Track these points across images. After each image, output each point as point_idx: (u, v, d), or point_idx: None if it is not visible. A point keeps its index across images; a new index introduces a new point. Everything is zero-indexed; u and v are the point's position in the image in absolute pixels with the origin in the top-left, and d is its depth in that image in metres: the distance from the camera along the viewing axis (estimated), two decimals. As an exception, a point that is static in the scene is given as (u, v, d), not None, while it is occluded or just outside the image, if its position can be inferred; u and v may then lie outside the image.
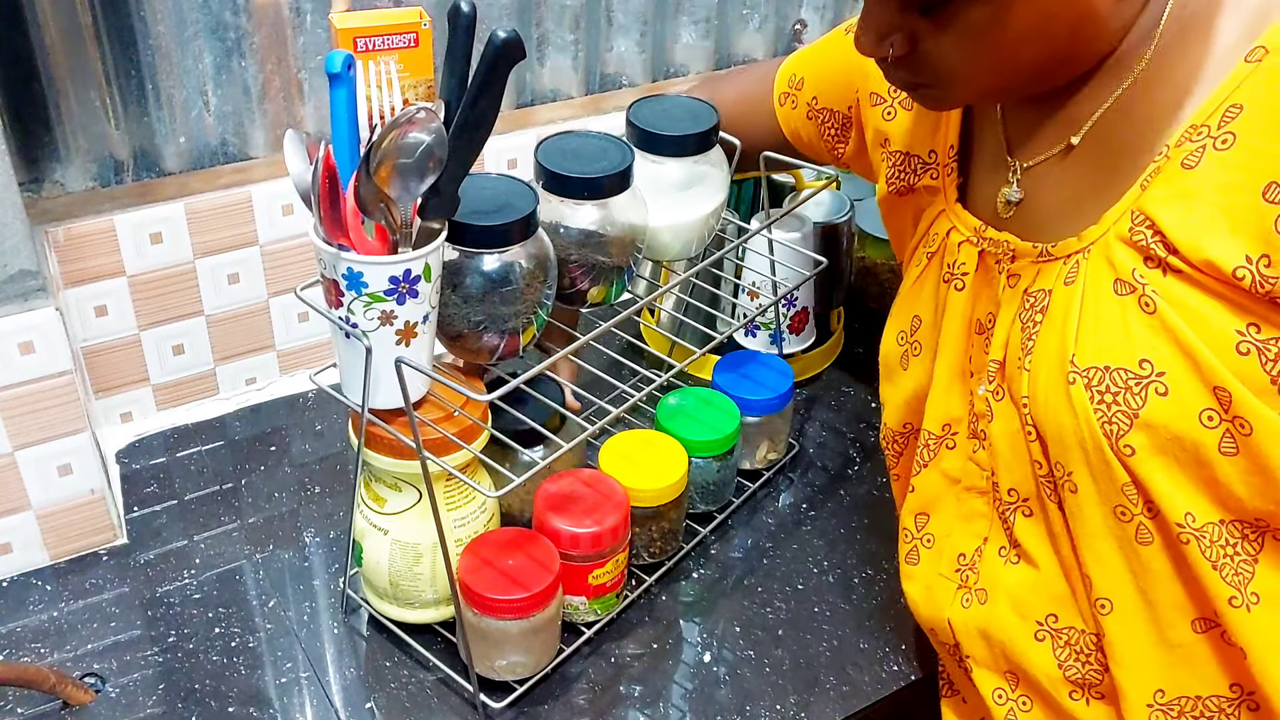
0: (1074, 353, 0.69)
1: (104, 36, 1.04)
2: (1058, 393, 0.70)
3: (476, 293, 0.85)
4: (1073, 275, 0.70)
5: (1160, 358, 0.65)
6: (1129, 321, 0.67)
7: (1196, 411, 0.65)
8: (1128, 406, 0.66)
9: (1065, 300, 0.70)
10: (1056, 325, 0.70)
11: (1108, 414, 0.67)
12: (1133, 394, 0.66)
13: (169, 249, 1.11)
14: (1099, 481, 0.69)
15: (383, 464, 0.87)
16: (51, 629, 0.97)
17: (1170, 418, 0.65)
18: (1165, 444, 0.66)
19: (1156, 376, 0.65)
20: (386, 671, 0.94)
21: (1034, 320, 0.72)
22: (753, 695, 0.94)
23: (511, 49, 0.74)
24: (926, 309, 0.85)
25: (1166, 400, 0.65)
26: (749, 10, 1.42)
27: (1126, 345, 0.66)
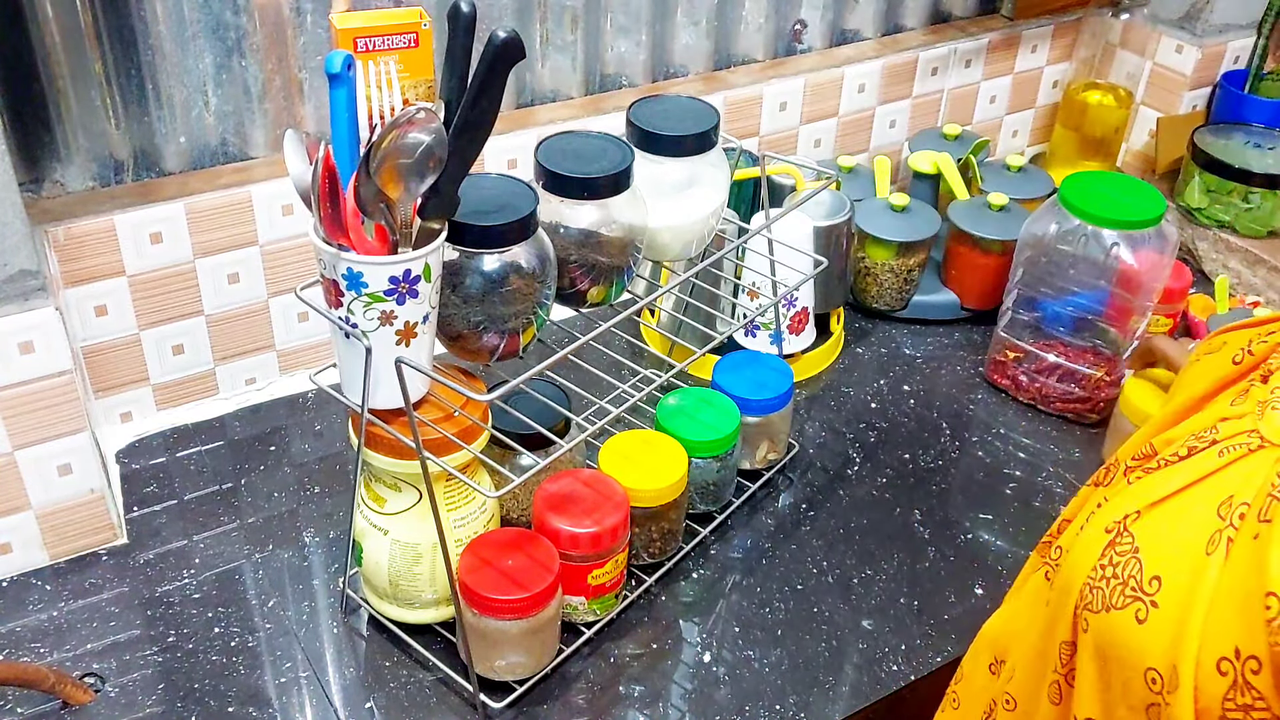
0: (1138, 512, 0.61)
1: (104, 36, 1.04)
2: (1101, 526, 0.62)
3: (476, 293, 0.85)
4: (1231, 450, 0.61)
5: (1170, 592, 0.57)
6: (1192, 540, 0.58)
7: (1147, 665, 0.58)
8: (1110, 596, 0.60)
9: (1201, 463, 0.61)
10: (1172, 474, 0.62)
11: (1093, 582, 0.61)
12: (1124, 593, 0.59)
13: (169, 249, 1.11)
14: (1057, 620, 0.64)
15: (383, 464, 0.87)
16: (51, 629, 0.97)
17: (1127, 644, 0.59)
18: (1109, 657, 0.60)
19: (1150, 603, 0.58)
20: (386, 671, 0.94)
21: (1180, 453, 0.63)
22: (752, 695, 0.94)
23: (511, 49, 0.74)
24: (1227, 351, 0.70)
25: (1137, 629, 0.58)
26: (749, 10, 1.42)
27: (1164, 554, 0.59)
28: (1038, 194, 1.44)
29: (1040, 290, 1.25)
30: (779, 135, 1.48)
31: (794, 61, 1.48)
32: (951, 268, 1.41)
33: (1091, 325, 1.23)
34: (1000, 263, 1.35)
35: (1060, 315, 1.24)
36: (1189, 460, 0.63)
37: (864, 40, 1.54)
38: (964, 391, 1.30)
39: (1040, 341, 1.26)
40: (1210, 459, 0.62)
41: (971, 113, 1.65)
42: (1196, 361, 0.74)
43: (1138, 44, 1.66)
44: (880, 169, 1.47)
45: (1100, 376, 1.24)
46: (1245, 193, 1.48)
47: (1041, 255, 1.23)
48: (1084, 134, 1.62)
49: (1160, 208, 1.17)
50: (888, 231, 1.35)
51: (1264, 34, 1.56)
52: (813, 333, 1.30)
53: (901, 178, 1.60)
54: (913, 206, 1.38)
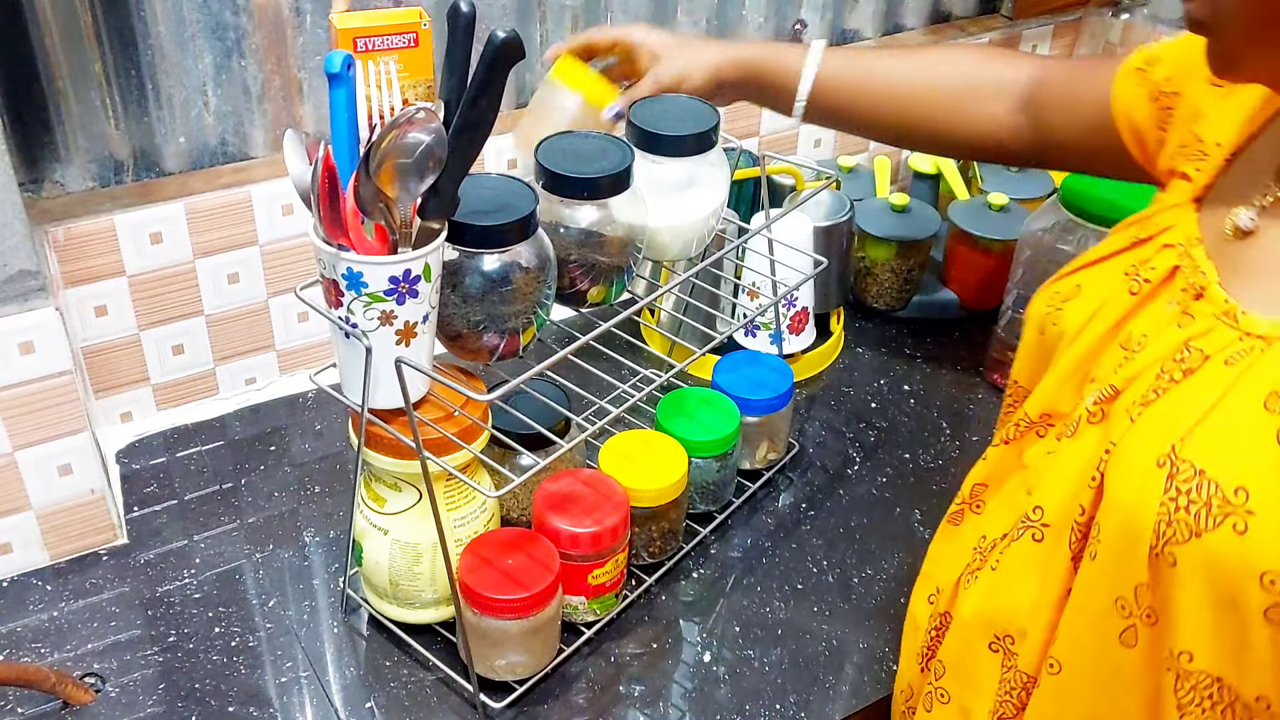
0: (1183, 439, 0.62)
1: (104, 36, 1.04)
2: (1140, 465, 0.64)
3: (476, 293, 0.85)
4: (1238, 357, 0.62)
5: (1261, 496, 0.59)
6: (1258, 444, 0.59)
7: (1263, 568, 0.58)
8: (1197, 522, 0.60)
9: (1214, 378, 0.63)
10: (1188, 397, 0.63)
11: (1171, 516, 0.61)
12: (1210, 514, 0.60)
13: (169, 249, 1.11)
14: (1119, 567, 0.65)
15: (383, 464, 0.87)
16: (51, 629, 0.97)
17: (1234, 557, 0.59)
18: (1213, 577, 0.60)
19: (1245, 513, 0.59)
20: (386, 671, 0.94)
21: (1173, 377, 0.65)
22: (752, 695, 0.94)
23: (511, 49, 0.74)
24: (1093, 289, 0.76)
25: (1241, 540, 0.59)
26: (749, 10, 1.42)
27: (1237, 465, 0.60)
28: (1038, 194, 1.44)
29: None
30: (779, 135, 1.48)
31: (794, 61, 1.48)
32: (951, 268, 1.41)
33: (1091, 325, 1.23)
34: (1000, 263, 1.35)
35: (1060, 315, 1.24)
36: (1193, 379, 0.64)
37: (864, 40, 1.55)
38: (964, 391, 1.30)
39: (1040, 341, 1.26)
40: (1220, 371, 0.63)
41: (971, 112, 1.65)
42: (1054, 310, 0.77)
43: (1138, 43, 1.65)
44: (880, 169, 1.47)
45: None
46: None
47: (1041, 255, 1.23)
48: (1084, 134, 1.62)
49: (1160, 207, 1.17)
50: (888, 231, 1.35)
51: (1264, 34, 1.55)
52: (813, 333, 1.30)
53: (901, 178, 1.60)
54: (913, 206, 1.38)
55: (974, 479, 0.83)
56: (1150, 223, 0.74)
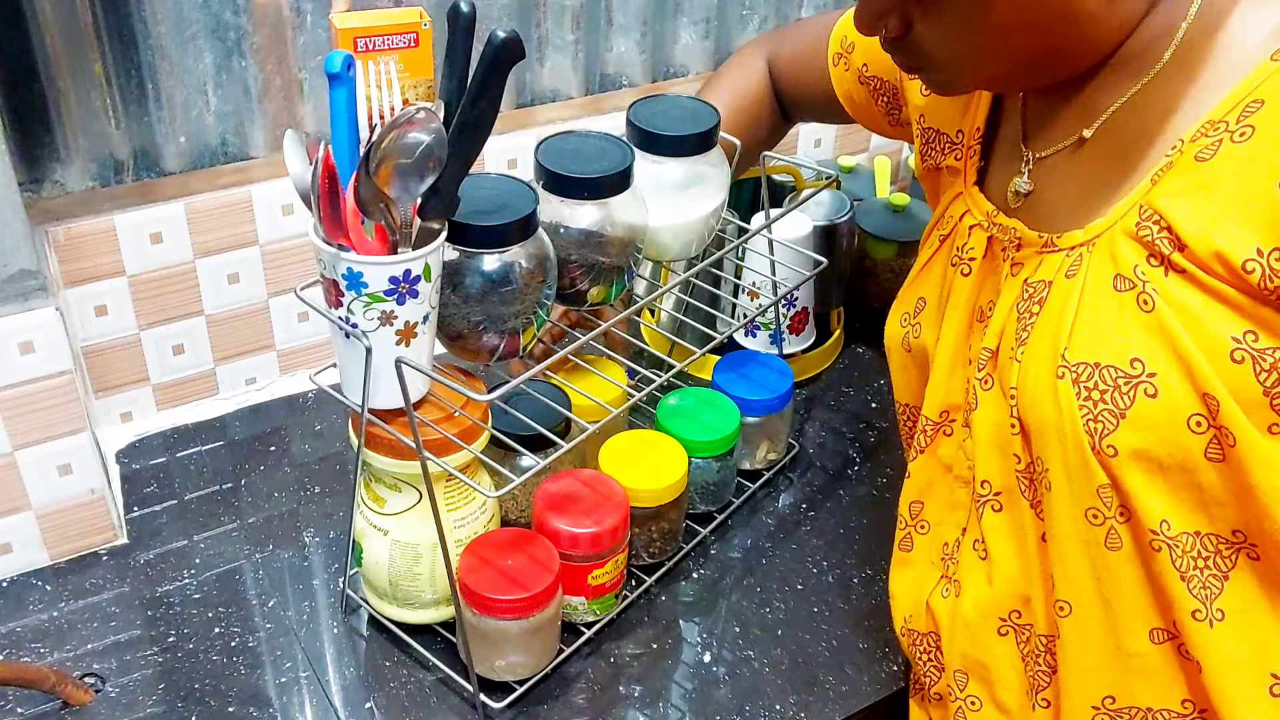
0: (1066, 347, 0.68)
1: (104, 36, 1.04)
2: (1045, 386, 0.69)
3: (476, 293, 0.85)
4: (1074, 268, 0.69)
5: (1153, 358, 0.64)
6: (1125, 319, 0.65)
7: (1185, 416, 0.63)
8: (1115, 406, 0.65)
9: (1064, 293, 0.69)
10: (1053, 318, 0.69)
11: (1094, 412, 0.66)
12: (1121, 393, 0.65)
13: (169, 249, 1.11)
14: (1074, 481, 0.69)
15: (383, 464, 0.87)
16: (51, 629, 0.97)
17: (1157, 420, 0.64)
18: (1149, 446, 0.65)
19: (1147, 377, 0.64)
20: (386, 671, 0.94)
21: (1031, 311, 0.71)
22: (752, 695, 0.94)
23: (511, 49, 0.74)
24: (933, 292, 0.84)
25: (1155, 402, 0.64)
26: (749, 10, 1.42)
27: (1120, 343, 0.66)
28: (1038, 194, 1.43)
29: (1040, 290, 1.25)
30: (779, 135, 1.47)
31: (794, 61, 1.48)
32: (951, 268, 1.41)
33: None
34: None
35: (1060, 315, 1.24)
36: (1048, 305, 0.70)
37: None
38: (964, 391, 1.30)
39: (1040, 341, 1.26)
40: (1065, 285, 0.69)
41: (971, 113, 1.65)
42: (912, 328, 0.86)
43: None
44: (880, 169, 1.47)
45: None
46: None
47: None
48: (1084, 134, 1.62)
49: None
50: (888, 231, 1.35)
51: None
52: (813, 333, 1.30)
53: (901, 178, 1.60)
54: (913, 206, 1.38)
55: (907, 499, 0.88)
56: (946, 219, 0.83)
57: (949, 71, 0.71)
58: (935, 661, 0.84)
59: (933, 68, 0.71)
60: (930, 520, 0.85)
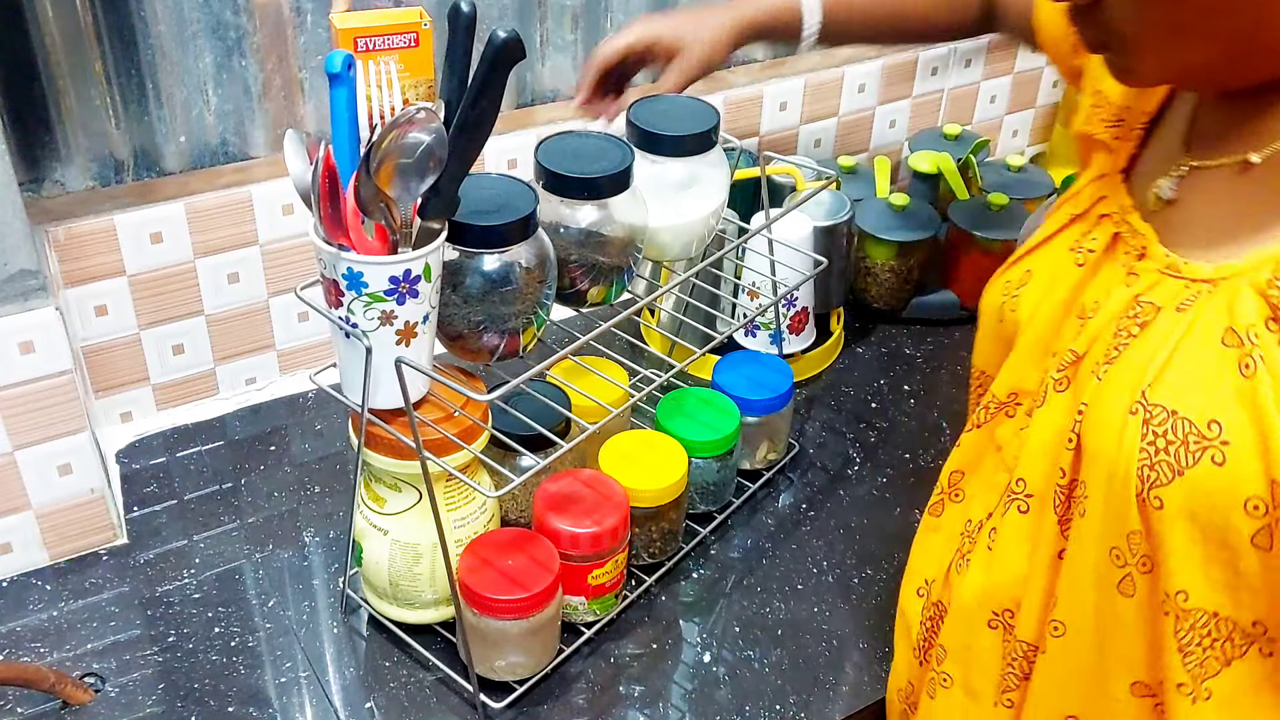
0: (1150, 384, 0.64)
1: (104, 36, 1.04)
2: (1115, 416, 0.66)
3: (476, 293, 0.85)
4: (1189, 303, 0.64)
5: (1233, 426, 0.60)
6: (1220, 377, 0.61)
7: (1245, 495, 0.60)
8: (1177, 461, 0.62)
9: (1169, 326, 0.65)
10: (1148, 348, 0.65)
11: (1153, 459, 0.63)
12: (1188, 450, 0.62)
13: (169, 248, 1.11)
14: (1109, 518, 0.66)
15: (383, 464, 0.87)
16: (51, 629, 0.97)
17: (1215, 489, 0.61)
18: (1198, 511, 0.62)
19: (1220, 444, 0.61)
20: (386, 671, 0.94)
21: (1130, 331, 0.67)
22: (752, 695, 0.94)
23: (512, 49, 0.74)
24: (1044, 270, 0.78)
25: (1220, 471, 0.61)
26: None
27: (1206, 400, 0.62)
28: (1038, 194, 1.44)
29: (1040, 290, 1.24)
30: (779, 135, 1.48)
31: (794, 61, 1.48)
32: (951, 268, 1.41)
33: (1091, 325, 1.23)
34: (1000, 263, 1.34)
35: (1060, 315, 1.24)
36: (1149, 330, 0.66)
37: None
38: (964, 391, 1.29)
39: (1040, 341, 1.26)
40: (1173, 319, 0.65)
41: (971, 112, 1.65)
42: (1010, 298, 0.81)
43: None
44: (880, 169, 1.47)
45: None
46: (1245, 193, 1.48)
47: (1041, 255, 1.23)
48: (1084, 134, 1.62)
49: (1160, 208, 1.17)
50: (888, 231, 1.35)
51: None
52: (813, 333, 1.30)
53: (901, 178, 1.60)
54: (913, 206, 1.38)
55: (951, 467, 0.85)
56: (1082, 197, 0.77)
57: (1135, 55, 0.65)
58: (935, 629, 0.83)
59: (1119, 48, 0.66)
60: (966, 492, 0.83)
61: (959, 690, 0.80)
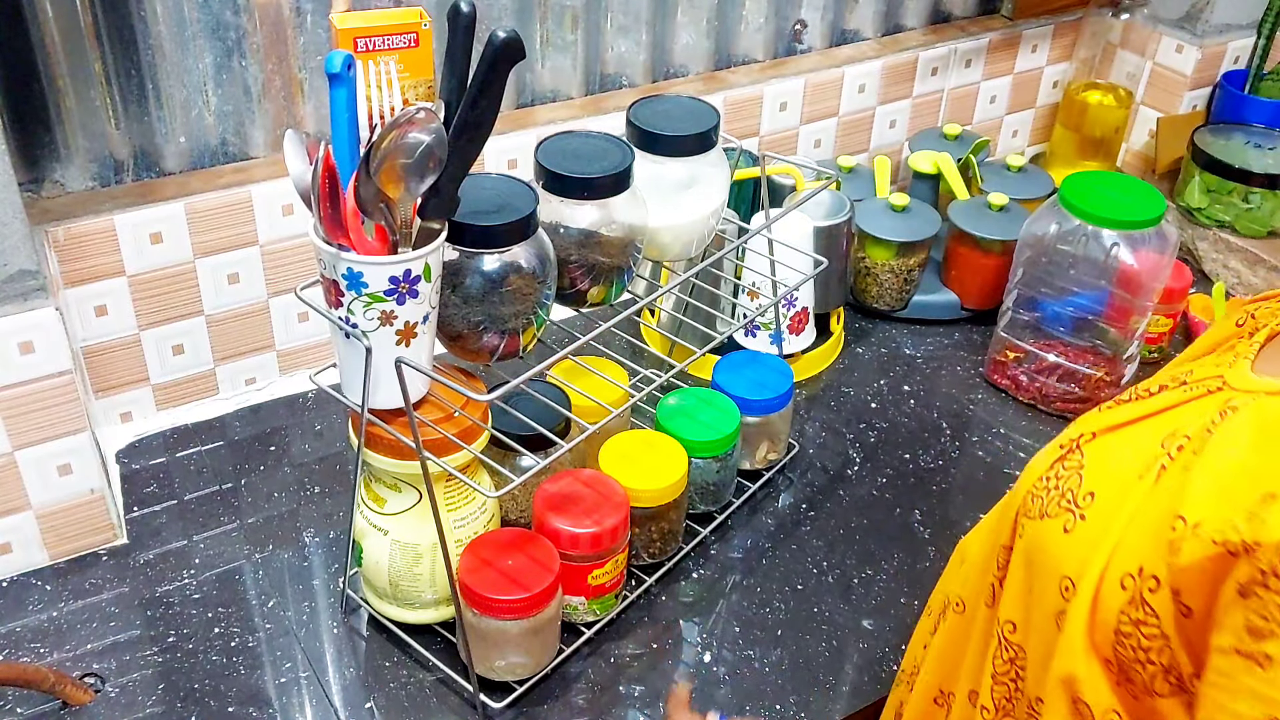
0: (1093, 434, 0.64)
1: (104, 36, 1.04)
2: (1055, 442, 0.67)
3: (476, 293, 0.85)
4: (1195, 388, 0.63)
5: (1098, 507, 0.61)
6: (1131, 466, 0.61)
7: (1065, 571, 0.61)
8: (1047, 504, 0.63)
9: (1164, 399, 0.64)
10: (1135, 408, 0.66)
11: (1036, 490, 0.65)
12: (1060, 503, 0.63)
13: (169, 249, 1.11)
14: (1001, 521, 0.68)
15: (383, 464, 0.87)
16: (51, 629, 0.97)
17: (1050, 551, 0.62)
18: (1032, 560, 0.64)
19: (1079, 516, 0.61)
20: (386, 671, 0.94)
21: (1150, 390, 0.67)
22: (752, 695, 0.94)
23: (511, 49, 0.74)
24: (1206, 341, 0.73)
25: (1062, 538, 0.62)
26: (749, 10, 1.42)
27: (1105, 473, 0.63)
28: (1038, 194, 1.44)
29: (1040, 290, 1.25)
30: (779, 135, 1.48)
31: (794, 61, 1.48)
32: (951, 268, 1.41)
33: (1091, 325, 1.23)
34: (1000, 263, 1.35)
35: (1060, 315, 1.24)
36: (1156, 396, 0.67)
37: (864, 40, 1.54)
38: (964, 391, 1.30)
39: (1040, 341, 1.26)
40: (1174, 396, 0.65)
41: (971, 113, 1.65)
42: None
43: (1138, 44, 1.66)
44: (880, 169, 1.47)
45: (1100, 376, 1.24)
46: (1245, 193, 1.48)
47: (1041, 255, 1.23)
48: (1084, 134, 1.62)
49: (1160, 208, 1.17)
50: (888, 231, 1.35)
51: (1264, 34, 1.56)
52: (813, 333, 1.30)
53: (901, 178, 1.60)
54: (913, 206, 1.38)
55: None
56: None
57: None
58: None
59: None
60: None
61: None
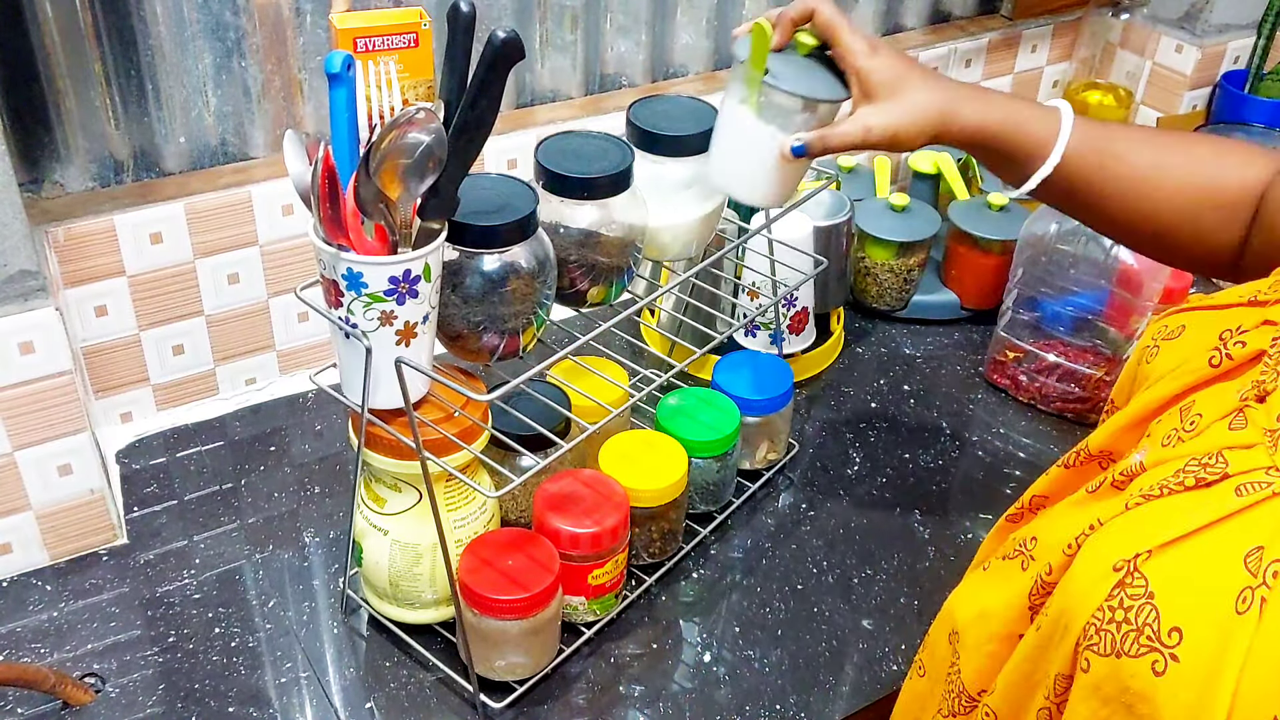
0: (1150, 551, 0.58)
1: (104, 36, 1.04)
2: (1103, 561, 0.59)
3: (476, 293, 0.85)
4: (1251, 489, 0.57)
5: (1191, 646, 0.54)
6: (1217, 593, 0.55)
7: (1163, 716, 0.56)
8: (1122, 642, 0.56)
9: (1217, 501, 0.57)
10: (1183, 509, 0.58)
11: (1101, 624, 0.58)
12: (1138, 641, 0.56)
13: (169, 249, 1.11)
14: (1047, 649, 0.62)
15: (383, 464, 0.87)
16: (51, 629, 0.97)
17: (1140, 693, 0.56)
18: (1109, 699, 0.57)
19: (1170, 657, 0.55)
20: (386, 671, 0.94)
21: (1186, 483, 0.60)
22: (752, 695, 0.94)
23: (511, 49, 0.74)
24: (1191, 338, 0.68)
25: (1153, 680, 0.55)
26: (749, 10, 1.42)
27: (1185, 603, 0.55)
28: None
29: (1040, 290, 1.25)
30: (779, 135, 1.47)
31: (794, 61, 1.48)
32: (951, 268, 1.41)
33: (1091, 325, 1.23)
34: (1000, 263, 1.35)
35: (1060, 315, 1.24)
36: (1199, 492, 0.59)
37: (864, 40, 1.54)
38: (964, 391, 1.30)
39: (1040, 341, 1.26)
40: (1227, 498, 0.57)
41: (971, 113, 1.65)
42: (1153, 347, 0.71)
43: (1138, 44, 1.66)
44: (880, 169, 1.47)
45: (1100, 376, 1.24)
46: (1245, 192, 1.48)
47: (1041, 255, 1.23)
48: (1084, 134, 1.62)
49: (1160, 208, 1.17)
50: (888, 231, 1.35)
51: (1264, 34, 1.56)
52: (813, 333, 1.30)
53: (901, 178, 1.60)
54: (913, 206, 1.38)
55: (1033, 491, 0.77)
56: (1277, 288, 0.65)
57: None
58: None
59: None
60: (1039, 518, 0.75)
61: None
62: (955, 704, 0.73)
